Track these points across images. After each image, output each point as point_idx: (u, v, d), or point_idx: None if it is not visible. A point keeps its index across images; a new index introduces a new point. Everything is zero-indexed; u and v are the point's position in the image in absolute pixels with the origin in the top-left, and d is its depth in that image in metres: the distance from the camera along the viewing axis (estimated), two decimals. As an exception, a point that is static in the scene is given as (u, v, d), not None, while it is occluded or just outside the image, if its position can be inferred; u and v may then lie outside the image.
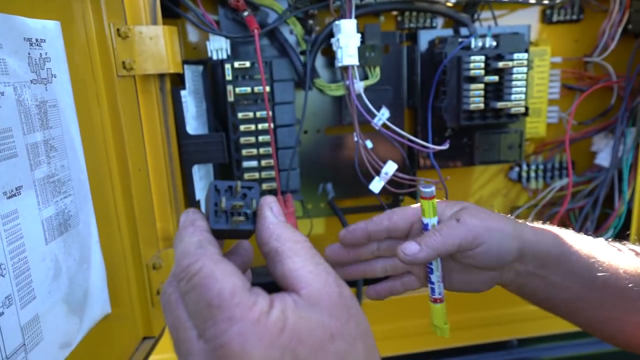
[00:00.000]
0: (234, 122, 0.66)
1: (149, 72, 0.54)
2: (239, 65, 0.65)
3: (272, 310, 0.24)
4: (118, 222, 0.50)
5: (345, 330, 0.25)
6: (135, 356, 0.53)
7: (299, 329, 0.24)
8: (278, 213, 0.29)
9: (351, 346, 0.25)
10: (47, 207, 0.37)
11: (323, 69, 0.74)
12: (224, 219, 0.28)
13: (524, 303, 0.77)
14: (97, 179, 0.46)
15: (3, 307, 0.31)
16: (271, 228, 0.27)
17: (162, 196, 0.59)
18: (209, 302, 0.24)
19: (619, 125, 0.79)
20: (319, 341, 0.24)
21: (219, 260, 0.25)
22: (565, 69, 0.83)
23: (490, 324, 0.78)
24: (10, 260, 0.32)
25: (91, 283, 0.43)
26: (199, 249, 0.26)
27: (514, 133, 0.78)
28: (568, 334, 0.80)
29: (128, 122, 0.51)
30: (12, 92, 0.33)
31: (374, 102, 0.68)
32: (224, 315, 0.23)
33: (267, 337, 0.23)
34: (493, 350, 0.79)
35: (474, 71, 0.70)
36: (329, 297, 0.25)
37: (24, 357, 0.33)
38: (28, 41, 0.35)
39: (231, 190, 0.28)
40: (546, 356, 0.81)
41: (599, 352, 0.81)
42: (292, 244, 0.27)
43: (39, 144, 0.36)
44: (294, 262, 0.26)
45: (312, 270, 0.26)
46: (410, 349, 0.77)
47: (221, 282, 0.24)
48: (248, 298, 0.24)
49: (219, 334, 0.23)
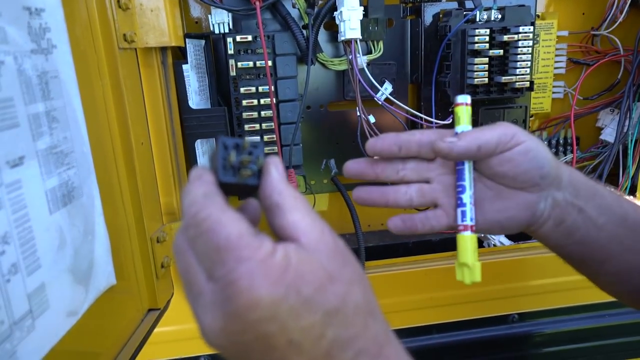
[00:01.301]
0: (237, 97, 0.66)
1: (150, 45, 0.54)
2: (240, 39, 0.64)
3: (276, 252, 0.25)
4: (122, 196, 0.50)
5: (343, 274, 0.27)
6: (140, 327, 0.53)
7: (301, 269, 0.25)
8: (282, 172, 0.29)
9: (349, 288, 0.27)
10: (51, 178, 0.37)
11: (326, 44, 0.73)
12: (232, 173, 0.29)
13: (525, 278, 0.79)
14: (100, 151, 0.46)
15: (9, 275, 0.31)
16: (274, 183, 0.28)
17: (166, 171, 0.59)
18: (217, 245, 0.25)
19: (625, 100, 0.78)
20: (320, 281, 0.25)
21: (226, 209, 0.26)
22: (572, 42, 0.82)
23: (491, 299, 0.79)
24: (15, 229, 0.32)
25: (96, 254, 0.43)
26: (206, 199, 0.27)
27: (518, 108, 0.77)
28: (568, 309, 0.81)
29: (130, 96, 0.51)
30: (12, 61, 0.33)
31: (377, 77, 0.68)
32: (232, 255, 0.24)
33: (273, 275, 0.24)
34: (494, 325, 0.80)
35: (478, 45, 0.69)
36: (326, 245, 0.27)
37: (31, 323, 0.34)
38: (27, 10, 0.35)
39: (238, 146, 0.29)
40: (546, 330, 0.82)
41: (598, 326, 0.82)
42: (292, 200, 0.28)
43: (41, 114, 0.36)
44: (294, 214, 0.27)
45: (309, 223, 0.27)
46: (412, 322, 0.78)
47: (228, 227, 0.25)
48: (254, 240, 0.25)
49: (227, 273, 0.24)
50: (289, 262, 0.25)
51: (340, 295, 0.26)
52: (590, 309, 0.81)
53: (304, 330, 0.25)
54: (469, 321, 0.79)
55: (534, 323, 0.81)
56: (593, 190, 0.42)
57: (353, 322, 0.26)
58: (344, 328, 0.26)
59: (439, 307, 0.78)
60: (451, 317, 0.79)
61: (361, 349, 0.26)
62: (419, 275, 0.75)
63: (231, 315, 0.24)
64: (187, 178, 0.29)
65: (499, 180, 0.42)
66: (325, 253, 0.27)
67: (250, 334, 0.25)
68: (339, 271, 0.27)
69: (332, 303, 0.26)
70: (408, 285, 0.76)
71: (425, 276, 0.75)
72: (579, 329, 0.82)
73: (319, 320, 0.25)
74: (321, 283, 0.25)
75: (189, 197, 0.27)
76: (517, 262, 0.77)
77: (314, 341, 0.25)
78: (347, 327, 0.26)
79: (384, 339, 0.28)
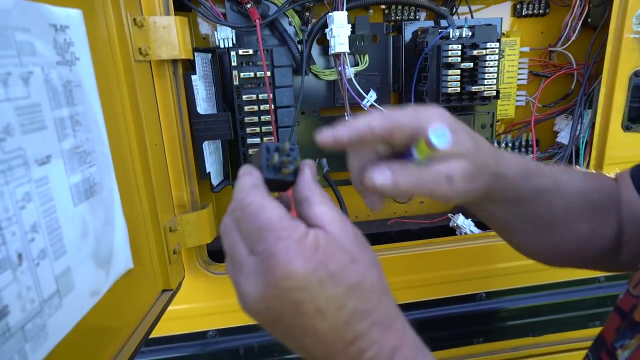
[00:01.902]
0: (239, 104, 0.66)
1: (162, 57, 0.54)
2: (243, 53, 0.64)
3: (309, 234, 0.26)
4: (138, 190, 0.50)
5: (362, 258, 0.28)
6: (155, 305, 0.53)
7: (329, 249, 0.26)
8: (314, 173, 0.31)
9: (367, 269, 0.28)
10: (75, 174, 0.37)
11: (318, 57, 0.73)
12: (274, 171, 0.31)
13: (492, 262, 0.79)
14: (119, 151, 0.45)
15: (39, 259, 0.31)
16: (306, 181, 0.30)
17: (177, 168, 0.59)
18: (260, 226, 0.26)
19: (578, 108, 0.79)
20: (344, 260, 0.27)
21: (267, 197, 0.28)
22: (533, 57, 0.82)
23: (462, 280, 0.79)
24: (44, 219, 0.32)
25: (115, 242, 0.43)
26: (252, 188, 0.28)
27: (486, 114, 0.77)
28: (529, 287, 0.82)
29: (145, 102, 0.51)
30: (40, 72, 0.32)
31: (363, 86, 0.68)
32: (273, 235, 0.26)
33: (306, 252, 0.25)
34: (465, 302, 0.81)
35: (451, 58, 0.69)
36: (347, 234, 0.28)
37: (58, 301, 0.34)
38: (53, 27, 0.35)
39: (279, 150, 0.31)
40: (511, 306, 0.82)
41: (554, 302, 0.83)
42: (320, 196, 0.29)
43: (65, 118, 0.36)
44: (321, 208, 0.28)
45: (333, 215, 0.28)
46: (393, 301, 0.79)
47: (270, 212, 0.27)
48: (291, 223, 0.26)
49: (268, 248, 0.26)
50: (319, 243, 0.26)
51: (360, 273, 0.27)
52: (548, 288, 0.82)
53: (328, 299, 0.26)
54: (442, 299, 0.80)
55: (499, 300, 0.82)
56: (511, 199, 0.39)
57: (369, 298, 0.27)
58: (362, 301, 0.27)
59: (417, 288, 0.79)
60: (427, 296, 0.80)
61: (375, 321, 0.27)
62: (400, 259, 0.76)
63: (269, 284, 0.26)
64: (237, 174, 0.31)
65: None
66: (347, 239, 0.28)
67: (283, 299, 0.26)
68: (360, 255, 0.28)
69: (353, 279, 0.27)
70: (390, 268, 0.76)
71: (405, 260, 0.76)
72: (538, 305, 0.83)
73: (341, 292, 0.26)
74: (345, 262, 0.27)
75: (239, 186, 0.29)
76: (485, 248, 0.78)
77: (336, 310, 0.26)
78: (365, 301, 0.27)
79: (394, 314, 0.29)
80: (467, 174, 0.32)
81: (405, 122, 0.31)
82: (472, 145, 0.33)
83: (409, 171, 0.31)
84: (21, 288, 0.30)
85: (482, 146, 0.34)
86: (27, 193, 0.31)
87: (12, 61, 0.30)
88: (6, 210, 0.29)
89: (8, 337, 0.28)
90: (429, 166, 0.31)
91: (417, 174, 0.31)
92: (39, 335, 0.32)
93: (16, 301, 0.29)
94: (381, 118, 0.31)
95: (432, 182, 0.31)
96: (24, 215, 0.30)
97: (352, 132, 0.31)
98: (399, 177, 0.30)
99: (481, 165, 0.33)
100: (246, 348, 0.77)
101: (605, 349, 0.38)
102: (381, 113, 0.32)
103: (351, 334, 0.27)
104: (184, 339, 0.75)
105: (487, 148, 0.35)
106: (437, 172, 0.31)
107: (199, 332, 0.75)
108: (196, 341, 0.75)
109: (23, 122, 0.30)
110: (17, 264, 0.29)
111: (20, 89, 0.30)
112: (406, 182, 0.31)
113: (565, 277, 0.82)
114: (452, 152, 0.32)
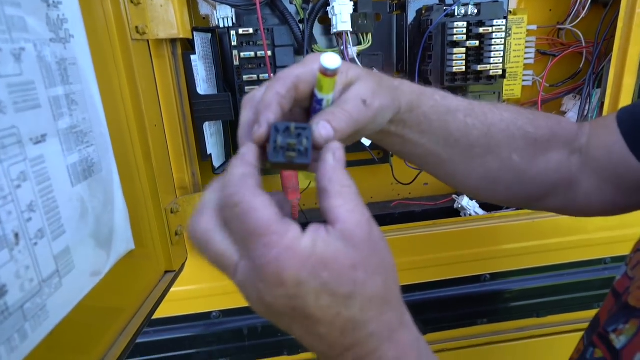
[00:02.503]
0: (240, 84, 0.65)
1: (160, 36, 0.53)
2: (243, 32, 0.63)
3: (302, 238, 0.25)
4: (138, 172, 0.50)
5: (367, 264, 0.26)
6: (158, 286, 0.53)
7: (325, 256, 0.24)
8: (339, 158, 0.28)
9: (370, 278, 0.26)
10: (72, 154, 0.36)
11: (320, 36, 0.71)
12: (282, 154, 0.28)
13: (496, 243, 0.79)
14: (117, 132, 0.45)
15: (36, 238, 0.31)
16: (327, 169, 0.27)
17: (178, 150, 0.59)
18: (248, 230, 0.25)
19: (586, 87, 0.77)
20: (341, 268, 0.25)
21: (257, 194, 0.25)
22: (540, 36, 0.80)
23: (466, 261, 0.79)
24: (40, 198, 0.32)
25: (115, 222, 0.43)
26: (240, 180, 0.26)
27: (492, 94, 0.76)
28: (533, 269, 0.81)
29: (143, 83, 0.50)
30: (32, 48, 0.32)
31: (366, 66, 0.67)
32: (262, 241, 0.24)
33: (297, 260, 0.24)
34: (469, 283, 0.81)
35: (457, 36, 0.67)
36: (358, 234, 0.26)
37: (58, 281, 0.33)
38: (45, 2, 0.34)
39: (288, 129, 0.29)
40: (515, 287, 0.82)
41: (557, 284, 0.82)
42: (339, 187, 0.27)
43: (61, 97, 0.35)
44: (337, 201, 0.26)
45: (349, 210, 0.26)
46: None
47: (258, 213, 0.25)
48: (282, 227, 0.25)
49: (258, 257, 0.24)
50: (314, 249, 0.24)
51: (359, 282, 0.25)
52: (553, 269, 0.82)
53: (322, 308, 0.25)
54: (447, 281, 0.80)
55: (503, 282, 0.82)
56: (420, 118, 0.39)
57: (368, 308, 0.26)
58: (359, 311, 0.25)
59: (421, 269, 0.78)
60: (431, 277, 0.79)
61: (373, 332, 0.26)
62: (404, 241, 0.75)
63: (262, 290, 0.25)
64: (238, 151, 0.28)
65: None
66: (355, 242, 0.25)
67: (279, 305, 0.25)
68: (364, 260, 0.25)
69: (349, 288, 0.25)
70: (394, 249, 0.74)
71: (409, 242, 0.75)
72: (542, 286, 0.82)
73: (336, 301, 0.25)
74: (342, 269, 0.25)
75: (227, 177, 0.27)
76: (490, 229, 0.77)
77: (332, 318, 0.25)
78: (362, 311, 0.26)
79: (397, 325, 0.27)
80: (374, 91, 0.33)
81: (300, 71, 0.31)
82: (361, 68, 0.34)
83: (336, 113, 0.30)
84: (19, 267, 0.30)
85: (367, 69, 0.35)
86: (22, 172, 0.30)
87: (1, 37, 0.29)
88: (1, 189, 0.28)
89: (7, 317, 0.28)
90: (343, 101, 0.31)
91: (343, 111, 0.30)
92: (39, 314, 0.32)
93: (14, 280, 0.29)
94: (282, 82, 0.30)
95: (357, 112, 0.31)
96: (19, 194, 0.30)
97: (275, 110, 0.29)
98: (334, 124, 0.30)
99: (379, 80, 0.34)
100: (250, 328, 0.77)
101: (597, 332, 0.38)
102: (276, 79, 0.31)
103: (348, 342, 0.26)
104: (188, 319, 0.75)
105: (375, 71, 0.36)
106: (354, 100, 0.31)
107: (203, 313, 0.76)
108: (200, 322, 0.76)
109: (16, 100, 0.30)
110: (14, 243, 0.29)
111: (12, 66, 0.30)
112: (341, 123, 0.30)
113: (571, 258, 0.81)
114: (350, 81, 0.32)
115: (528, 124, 0.42)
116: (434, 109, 0.39)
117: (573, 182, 0.44)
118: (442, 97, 0.40)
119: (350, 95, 0.32)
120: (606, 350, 0.35)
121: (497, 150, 0.41)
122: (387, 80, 0.36)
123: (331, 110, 0.30)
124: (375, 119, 0.33)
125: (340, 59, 0.28)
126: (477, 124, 0.41)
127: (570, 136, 0.44)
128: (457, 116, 0.40)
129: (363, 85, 0.33)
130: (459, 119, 0.40)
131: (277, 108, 0.29)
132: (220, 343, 0.78)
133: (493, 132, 0.41)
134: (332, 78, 0.29)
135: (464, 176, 0.43)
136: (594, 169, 0.43)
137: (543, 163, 0.43)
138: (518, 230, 0.78)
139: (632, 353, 0.32)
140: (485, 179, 0.43)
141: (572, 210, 0.46)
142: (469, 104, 0.41)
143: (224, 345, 0.78)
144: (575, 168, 0.43)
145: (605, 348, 0.35)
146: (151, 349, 0.76)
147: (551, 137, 0.42)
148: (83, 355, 0.39)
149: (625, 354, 0.33)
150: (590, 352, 0.37)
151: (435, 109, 0.39)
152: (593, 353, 0.37)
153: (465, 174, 0.43)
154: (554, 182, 0.43)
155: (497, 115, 0.42)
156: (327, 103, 0.31)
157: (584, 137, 0.44)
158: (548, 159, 0.43)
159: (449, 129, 0.40)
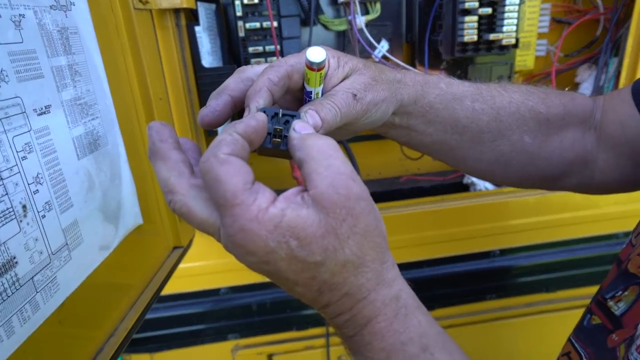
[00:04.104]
0: (246, 57, 0.63)
1: (163, 6, 0.51)
2: (248, 2, 0.61)
3: (270, 207, 0.24)
4: (144, 146, 0.49)
5: (339, 229, 0.25)
6: (166, 262, 0.54)
7: (293, 224, 0.24)
8: (300, 128, 0.28)
9: (341, 243, 0.25)
10: (77, 126, 0.36)
11: (327, 6, 0.69)
12: (268, 140, 0.28)
13: (506, 219, 0.78)
14: (123, 105, 0.44)
15: (44, 211, 0.31)
16: (294, 143, 0.27)
17: (183, 123, 0.58)
18: (217, 201, 0.25)
19: (603, 56, 0.75)
20: (311, 236, 0.25)
21: (226, 161, 0.25)
22: (555, 2, 0.78)
23: (476, 237, 0.79)
24: (47, 170, 0.31)
25: (123, 196, 0.43)
26: (214, 148, 0.25)
27: (503, 65, 0.74)
28: (542, 244, 0.81)
29: (147, 54, 0.49)
30: (32, 15, 0.31)
31: (374, 36, 0.65)
32: (229, 212, 0.24)
33: (264, 231, 0.24)
34: (478, 259, 0.81)
35: (468, 4, 0.65)
36: (330, 198, 0.25)
37: (67, 254, 0.33)
38: (44, -33, 0.33)
39: (276, 115, 0.29)
40: (524, 263, 0.82)
41: (567, 259, 0.82)
42: (310, 151, 0.26)
43: (64, 67, 0.34)
44: (309, 165, 0.26)
45: (321, 173, 0.25)
46: (406, 258, 0.79)
47: (224, 184, 0.24)
48: (248, 197, 0.24)
49: (227, 226, 0.25)
50: (282, 218, 0.24)
51: (330, 249, 0.25)
52: (562, 245, 0.81)
53: (295, 272, 0.25)
54: (456, 256, 0.80)
55: (512, 257, 0.81)
56: (426, 108, 0.38)
57: (339, 272, 0.26)
58: (331, 275, 0.26)
59: (430, 244, 0.78)
60: (440, 253, 0.79)
61: (347, 292, 0.27)
62: (413, 216, 0.75)
63: (239, 256, 0.26)
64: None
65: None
66: (327, 207, 0.25)
67: (256, 269, 0.26)
68: (336, 225, 0.25)
69: (318, 257, 0.25)
70: (403, 225, 0.75)
71: (418, 217, 0.75)
72: (551, 262, 0.82)
73: (307, 267, 0.25)
74: (311, 237, 0.25)
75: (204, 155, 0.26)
76: (499, 205, 0.77)
77: (307, 280, 0.26)
78: (334, 275, 0.26)
79: (373, 285, 0.27)
80: (367, 85, 0.33)
81: (294, 61, 0.31)
82: (359, 61, 0.34)
83: (324, 104, 0.31)
84: (28, 239, 0.29)
85: (368, 62, 0.35)
86: (27, 143, 0.30)
87: (0, 2, 0.28)
88: (7, 160, 0.28)
89: (18, 287, 0.28)
90: (332, 93, 0.32)
91: (330, 103, 0.31)
92: (50, 287, 0.32)
93: (24, 252, 0.29)
94: (275, 70, 0.31)
95: (345, 105, 0.31)
96: (25, 166, 0.29)
97: (264, 96, 0.30)
98: (321, 114, 0.30)
99: (377, 74, 0.34)
100: (259, 304, 0.78)
101: (595, 299, 0.37)
102: (270, 66, 0.31)
103: (325, 300, 0.27)
104: (196, 295, 0.76)
105: (377, 64, 0.36)
106: (343, 93, 0.32)
107: (212, 290, 0.76)
108: (209, 298, 0.77)
109: (18, 69, 0.29)
110: (22, 215, 0.29)
111: (12, 33, 0.29)
112: (328, 114, 0.30)
113: (582, 233, 0.81)
114: (347, 74, 0.33)
115: (540, 103, 0.41)
116: (440, 98, 0.39)
117: (589, 160, 0.43)
118: (448, 85, 0.39)
119: (340, 88, 0.32)
120: (604, 316, 0.35)
121: (507, 133, 0.41)
122: (388, 73, 0.36)
123: (319, 101, 0.31)
124: (369, 113, 0.34)
125: (326, 52, 0.29)
126: (486, 108, 0.40)
127: (584, 113, 0.42)
128: (464, 103, 0.39)
129: (356, 78, 0.33)
130: (466, 106, 0.40)
131: (267, 94, 0.30)
132: (229, 319, 0.79)
133: (502, 115, 0.40)
134: (319, 72, 0.30)
135: (475, 161, 0.43)
136: (610, 145, 0.42)
137: (557, 142, 0.42)
138: (528, 205, 0.77)
139: (634, 320, 0.32)
140: (497, 162, 0.42)
141: (590, 188, 0.45)
142: (476, 88, 0.40)
143: (233, 321, 0.79)
144: (591, 145, 0.43)
145: (603, 314, 0.35)
146: (161, 325, 0.77)
147: (565, 115, 0.42)
148: (93, 330, 0.40)
149: (626, 321, 0.33)
150: (587, 319, 0.37)
151: (441, 98, 0.39)
152: (590, 319, 0.37)
153: (476, 159, 0.42)
154: (569, 162, 0.42)
155: (505, 97, 0.41)
156: (317, 96, 0.32)
157: (599, 113, 0.42)
158: (562, 137, 0.42)
159: (456, 117, 0.40)
